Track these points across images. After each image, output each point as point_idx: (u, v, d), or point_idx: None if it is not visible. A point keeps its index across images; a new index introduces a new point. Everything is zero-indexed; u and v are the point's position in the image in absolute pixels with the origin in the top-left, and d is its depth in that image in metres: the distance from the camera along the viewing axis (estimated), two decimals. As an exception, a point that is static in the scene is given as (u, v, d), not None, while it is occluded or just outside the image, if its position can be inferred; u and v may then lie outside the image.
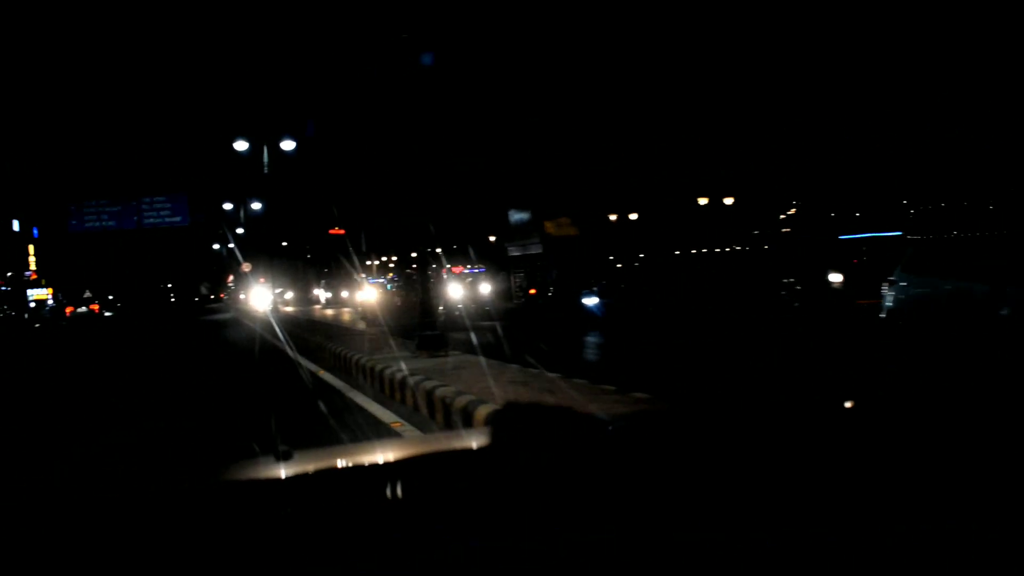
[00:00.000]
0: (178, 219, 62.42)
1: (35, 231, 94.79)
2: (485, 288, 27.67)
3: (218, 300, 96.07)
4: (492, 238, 61.24)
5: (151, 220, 61.89)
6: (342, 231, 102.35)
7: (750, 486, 1.35)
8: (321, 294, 45.52)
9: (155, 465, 6.47)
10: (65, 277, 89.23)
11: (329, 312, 34.47)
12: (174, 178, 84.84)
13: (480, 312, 20.21)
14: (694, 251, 43.84)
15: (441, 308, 15.41)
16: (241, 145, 34.72)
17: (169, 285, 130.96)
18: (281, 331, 21.42)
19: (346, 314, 32.04)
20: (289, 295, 50.55)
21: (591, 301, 18.39)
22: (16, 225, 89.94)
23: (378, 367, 10.79)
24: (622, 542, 1.08)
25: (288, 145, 35.09)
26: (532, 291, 38.52)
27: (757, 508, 1.22)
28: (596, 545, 1.07)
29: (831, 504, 1.22)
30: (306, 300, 51.89)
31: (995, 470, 1.34)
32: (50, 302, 77.50)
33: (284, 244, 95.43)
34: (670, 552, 1.06)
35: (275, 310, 36.63)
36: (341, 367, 13.32)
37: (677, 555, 1.06)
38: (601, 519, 1.21)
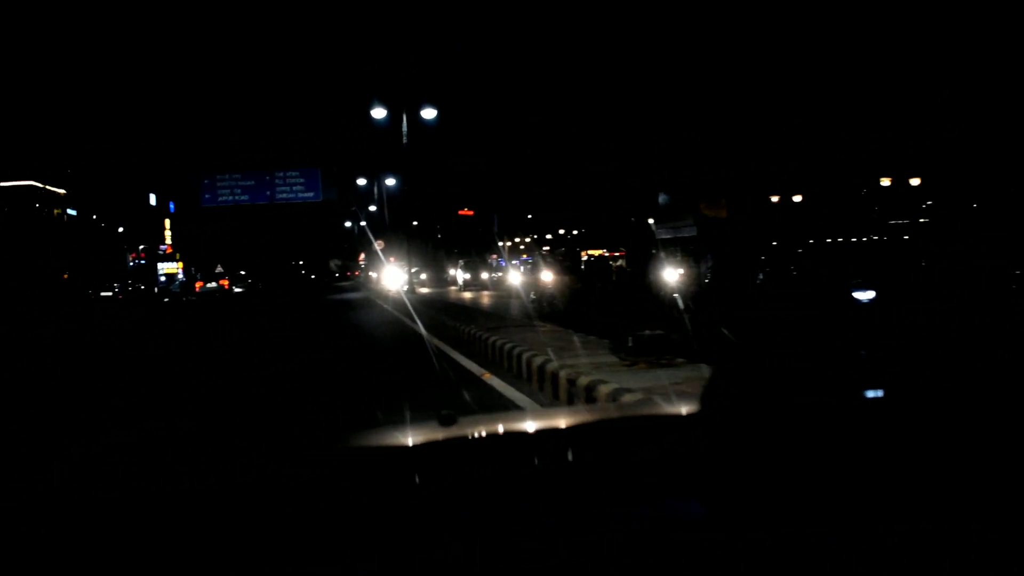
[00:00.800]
0: (311, 195, 61.08)
1: (171, 205, 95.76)
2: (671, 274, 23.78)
3: (349, 278, 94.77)
4: (633, 218, 57.81)
5: (284, 195, 60.67)
6: (471, 212, 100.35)
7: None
8: (459, 275, 42.06)
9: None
10: (196, 252, 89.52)
11: (467, 295, 31.44)
12: (307, 153, 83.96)
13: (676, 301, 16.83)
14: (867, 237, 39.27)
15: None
16: (379, 113, 32.12)
17: (300, 262, 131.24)
18: (419, 315, 18.50)
19: (487, 298, 28.99)
20: (424, 276, 47.52)
21: (865, 295, 14.50)
22: (153, 199, 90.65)
23: (582, 380, 7.38)
24: (622, 542, 1.07)
25: (428, 114, 32.27)
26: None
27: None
28: (596, 545, 1.07)
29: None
30: (441, 281, 48.89)
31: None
32: (180, 276, 77.03)
33: (415, 223, 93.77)
34: (669, 552, 1.06)
35: (411, 290, 33.82)
36: (513, 370, 9.99)
37: (676, 555, 1.05)
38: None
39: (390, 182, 51.24)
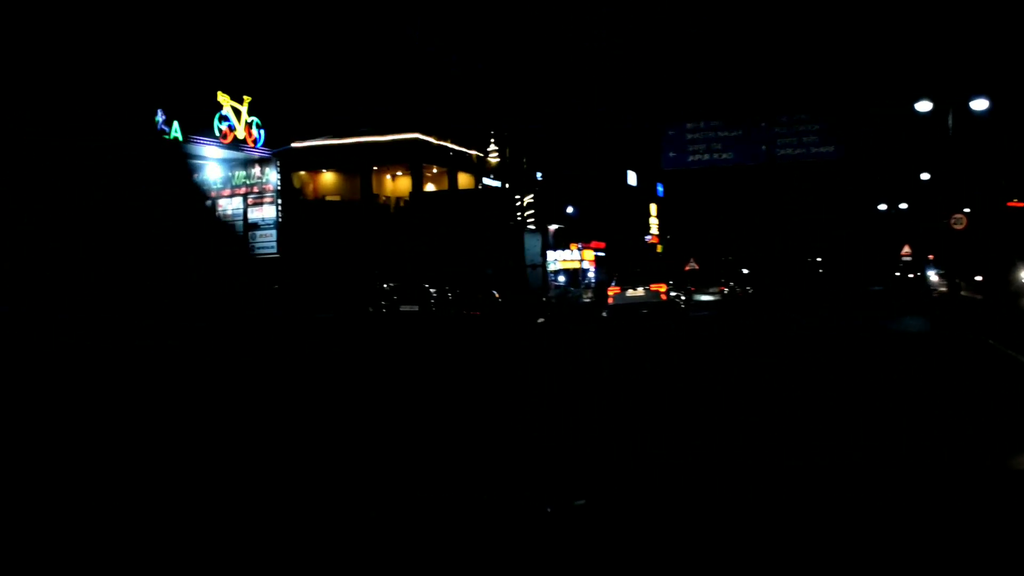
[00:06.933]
0: (829, 150, 40.55)
1: (659, 188, 78.82)
2: None
3: (911, 285, 52.50)
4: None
5: (788, 151, 40.42)
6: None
7: None
8: None
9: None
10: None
11: None
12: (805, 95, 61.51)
13: None
14: None
15: None
16: None
17: (818, 259, 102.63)
18: None
19: None
20: None
21: None
22: (632, 178, 73.91)
23: None
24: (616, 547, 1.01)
25: None
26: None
27: None
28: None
29: None
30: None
31: None
32: (591, 274, 52.57)
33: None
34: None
35: None
36: None
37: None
38: None
39: (980, 104, 28.58)
